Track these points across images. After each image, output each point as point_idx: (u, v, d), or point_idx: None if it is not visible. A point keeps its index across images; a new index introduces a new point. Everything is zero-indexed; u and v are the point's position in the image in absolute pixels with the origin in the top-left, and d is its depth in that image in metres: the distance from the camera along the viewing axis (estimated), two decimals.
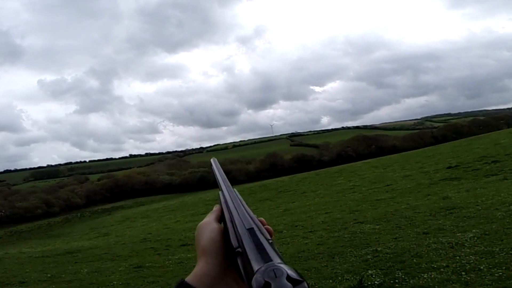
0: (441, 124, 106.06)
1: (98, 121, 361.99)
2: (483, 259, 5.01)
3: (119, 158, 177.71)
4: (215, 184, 0.82)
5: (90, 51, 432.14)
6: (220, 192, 0.76)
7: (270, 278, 0.40)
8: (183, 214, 25.68)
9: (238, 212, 0.64)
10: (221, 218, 0.70)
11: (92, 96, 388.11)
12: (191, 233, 12.53)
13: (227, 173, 0.83)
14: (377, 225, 8.75)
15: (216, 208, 0.75)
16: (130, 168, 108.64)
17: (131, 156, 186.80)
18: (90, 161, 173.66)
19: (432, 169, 18.53)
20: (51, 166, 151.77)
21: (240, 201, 0.69)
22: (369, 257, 6.20)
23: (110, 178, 75.87)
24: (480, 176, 13.69)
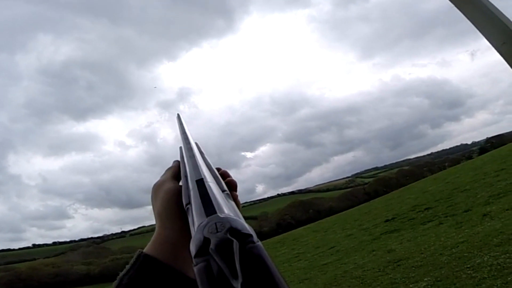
0: (371, 179, 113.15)
1: None
2: None
3: (20, 249, 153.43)
4: None
5: None
6: (179, 147, 0.69)
7: (210, 233, 0.34)
8: None
9: (191, 163, 0.55)
10: (179, 176, 0.62)
11: None
12: None
13: None
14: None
15: (174, 163, 0.68)
16: (35, 259, 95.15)
17: (34, 246, 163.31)
18: None
19: (371, 225, 19.14)
20: None
21: (197, 152, 0.60)
22: None
23: (10, 271, 64.54)
24: (417, 224, 14.35)
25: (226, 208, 0.40)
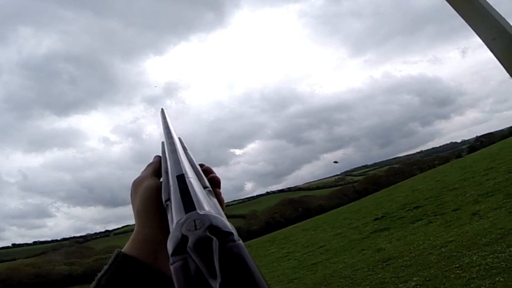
0: (361, 177, 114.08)
1: None
2: None
3: None
4: None
5: None
6: (161, 142, 0.67)
7: (189, 230, 0.33)
8: None
9: (172, 159, 0.53)
10: (160, 172, 0.60)
11: None
12: None
13: None
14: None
15: (155, 159, 0.66)
16: (15, 259, 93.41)
17: (14, 245, 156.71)
18: None
19: (361, 224, 19.28)
20: None
21: (179, 147, 0.58)
22: None
23: None
24: (407, 223, 14.49)
25: (206, 205, 0.39)
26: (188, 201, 0.39)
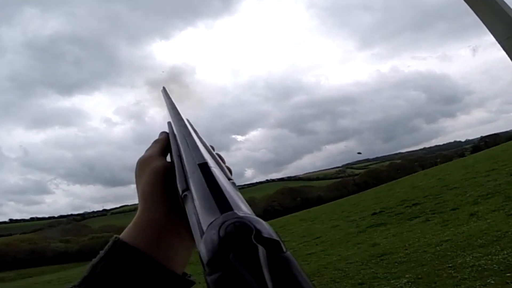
0: (362, 170, 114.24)
1: None
2: None
3: None
4: None
5: None
6: (168, 122, 0.63)
7: (229, 235, 0.27)
8: None
9: (188, 143, 0.47)
10: (167, 151, 0.57)
11: None
12: None
13: None
14: (312, 281, 8.63)
15: (161, 136, 0.61)
16: (11, 235, 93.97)
17: (11, 221, 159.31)
18: None
19: (358, 217, 19.34)
20: None
21: (192, 131, 0.53)
22: None
23: None
24: (404, 220, 14.54)
25: (242, 204, 0.33)
26: (221, 198, 0.33)
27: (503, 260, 5.79)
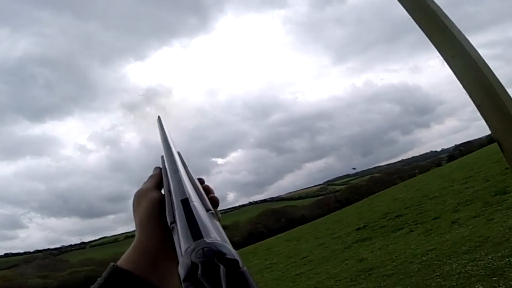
0: (342, 186, 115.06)
1: None
2: None
3: None
4: None
5: None
6: (161, 156, 0.69)
7: (198, 258, 0.36)
8: None
9: (175, 179, 0.56)
10: (162, 185, 0.63)
11: None
12: None
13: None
14: None
15: (155, 171, 0.68)
16: None
17: None
18: None
19: (343, 234, 19.39)
20: None
21: (180, 166, 0.61)
22: None
23: None
24: (388, 232, 14.65)
25: (212, 231, 0.41)
26: (194, 228, 0.42)
27: (488, 265, 5.88)
